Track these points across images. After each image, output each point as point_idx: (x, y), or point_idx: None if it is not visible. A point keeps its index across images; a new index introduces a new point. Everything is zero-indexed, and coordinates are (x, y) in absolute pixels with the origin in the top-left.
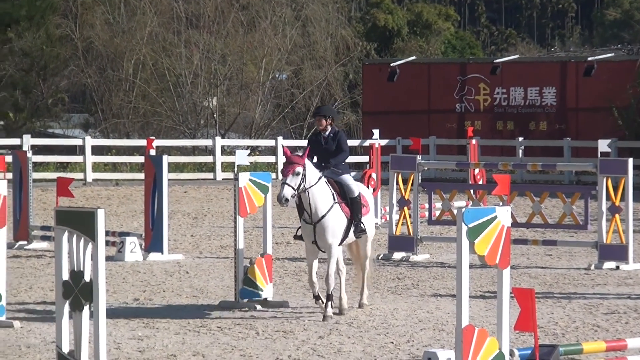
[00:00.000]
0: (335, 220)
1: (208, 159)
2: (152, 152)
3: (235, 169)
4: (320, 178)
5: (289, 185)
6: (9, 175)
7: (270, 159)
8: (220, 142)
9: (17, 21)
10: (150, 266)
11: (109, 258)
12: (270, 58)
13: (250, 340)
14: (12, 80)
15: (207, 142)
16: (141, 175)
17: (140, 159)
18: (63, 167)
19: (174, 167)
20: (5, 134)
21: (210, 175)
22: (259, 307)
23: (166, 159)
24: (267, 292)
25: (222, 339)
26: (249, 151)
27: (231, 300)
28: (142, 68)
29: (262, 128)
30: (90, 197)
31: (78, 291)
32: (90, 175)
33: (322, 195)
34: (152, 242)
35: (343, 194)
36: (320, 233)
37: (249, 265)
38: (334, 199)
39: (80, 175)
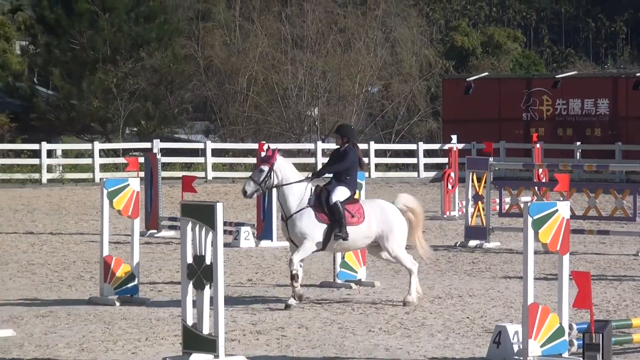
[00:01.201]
0: (305, 220)
1: (310, 160)
2: (263, 155)
3: None
4: (301, 180)
5: (252, 179)
6: (142, 174)
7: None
8: (321, 145)
9: (148, 42)
10: (261, 252)
11: (226, 245)
12: (364, 74)
13: (347, 315)
14: (144, 93)
15: (310, 146)
16: None
17: (253, 160)
18: (187, 167)
19: None
20: (139, 138)
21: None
22: (354, 286)
23: None
24: (361, 273)
25: (323, 313)
26: None
27: (330, 281)
28: (255, 82)
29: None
30: (210, 192)
31: (200, 273)
32: (211, 174)
33: (293, 195)
34: (263, 231)
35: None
36: (291, 229)
37: None
38: (309, 203)
39: (202, 174)
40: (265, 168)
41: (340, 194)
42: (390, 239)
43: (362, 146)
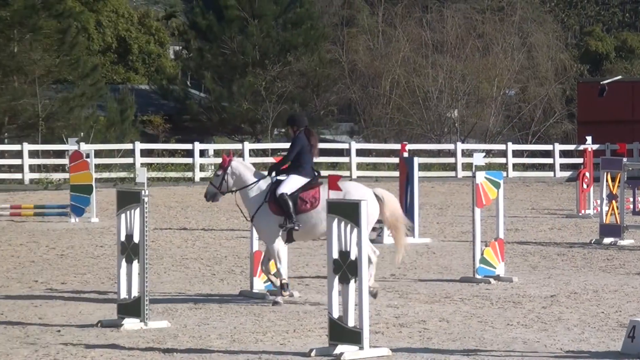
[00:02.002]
0: (263, 219)
1: (450, 160)
2: (405, 155)
3: (473, 168)
4: (257, 181)
5: (211, 184)
6: None
7: (502, 160)
8: (460, 146)
9: (295, 47)
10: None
11: (370, 241)
12: (501, 77)
13: (486, 309)
14: (292, 96)
15: (450, 146)
16: (396, 174)
17: (395, 160)
18: (333, 166)
19: (423, 167)
20: (286, 139)
21: (452, 174)
22: (492, 281)
23: (416, 160)
24: (500, 269)
25: (463, 307)
26: (484, 154)
27: (470, 276)
28: (397, 85)
29: (494, 135)
30: None
31: (346, 267)
32: (355, 173)
33: (250, 197)
34: None
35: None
36: (256, 230)
37: (484, 247)
38: (265, 199)
39: (346, 173)
40: (220, 173)
41: (290, 184)
42: None
43: (499, 147)
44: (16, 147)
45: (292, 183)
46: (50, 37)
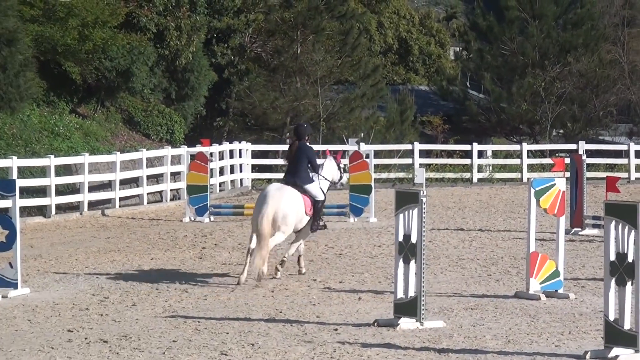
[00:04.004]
0: None
1: None
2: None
3: None
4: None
5: None
6: (567, 174)
7: None
8: None
9: (575, 48)
10: None
11: None
12: None
13: None
14: (571, 97)
15: None
16: None
17: None
18: (611, 167)
19: None
20: (565, 140)
21: None
22: None
23: None
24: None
25: None
26: None
27: None
28: None
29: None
30: (633, 192)
31: (622, 270)
32: (634, 175)
33: None
34: None
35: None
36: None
37: None
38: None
39: (625, 175)
40: None
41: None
42: None
43: None
44: None
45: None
46: (333, 38)
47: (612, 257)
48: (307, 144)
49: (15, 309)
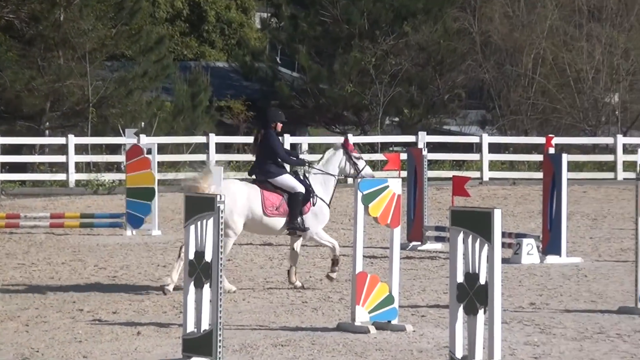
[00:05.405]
0: None
1: (609, 157)
2: (551, 151)
3: (638, 168)
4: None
5: None
6: (404, 174)
7: None
8: (621, 140)
9: (413, 14)
10: (547, 269)
11: (504, 260)
12: None
13: None
14: (408, 76)
15: (608, 140)
16: (539, 175)
17: (539, 157)
18: (459, 165)
19: (573, 166)
20: (400, 130)
21: (610, 175)
22: None
23: (565, 158)
24: None
25: (622, 346)
26: None
27: (631, 306)
28: (542, 63)
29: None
30: (486, 196)
31: (472, 294)
32: (487, 174)
33: None
34: (550, 244)
35: None
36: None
37: None
38: None
39: (476, 174)
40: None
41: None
42: None
43: None
44: (59, 140)
45: None
46: (105, 1)
47: (460, 279)
48: (273, 132)
49: None
